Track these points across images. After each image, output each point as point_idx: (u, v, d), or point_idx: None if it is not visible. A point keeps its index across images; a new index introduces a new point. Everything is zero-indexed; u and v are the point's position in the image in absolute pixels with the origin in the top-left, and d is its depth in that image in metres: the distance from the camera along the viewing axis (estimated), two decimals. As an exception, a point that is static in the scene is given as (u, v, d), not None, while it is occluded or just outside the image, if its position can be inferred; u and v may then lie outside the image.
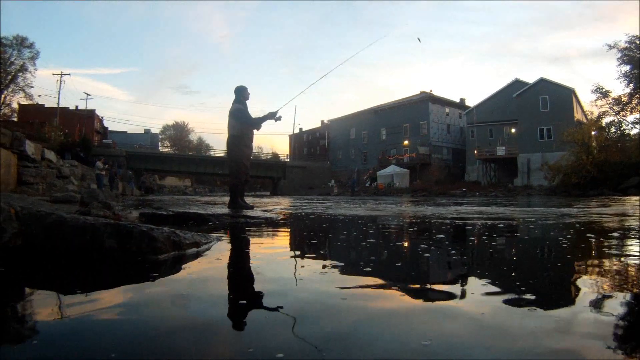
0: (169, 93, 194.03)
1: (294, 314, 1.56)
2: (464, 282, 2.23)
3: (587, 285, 2.08)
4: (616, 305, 1.71)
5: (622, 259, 2.94)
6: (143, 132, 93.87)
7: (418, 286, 2.15)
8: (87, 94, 59.29)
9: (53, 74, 53.93)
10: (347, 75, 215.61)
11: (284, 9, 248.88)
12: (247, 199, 8.02)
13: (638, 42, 37.77)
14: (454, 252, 3.35)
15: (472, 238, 4.48)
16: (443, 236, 4.49)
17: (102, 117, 70.81)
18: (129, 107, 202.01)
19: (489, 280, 2.22)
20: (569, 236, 4.37)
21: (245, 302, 1.80)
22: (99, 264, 2.54)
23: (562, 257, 3.19)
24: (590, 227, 5.23)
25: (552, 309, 1.63)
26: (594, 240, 4.05)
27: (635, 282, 2.19)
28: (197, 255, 2.87)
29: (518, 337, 1.32)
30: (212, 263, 2.73)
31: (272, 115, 7.48)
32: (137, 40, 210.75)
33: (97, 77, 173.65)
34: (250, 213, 6.51)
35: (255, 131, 7.73)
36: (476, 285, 2.11)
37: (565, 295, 1.99)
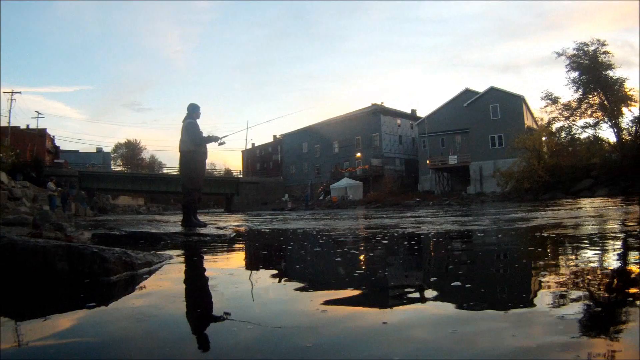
0: (122, 111, 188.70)
1: (247, 318, 1.83)
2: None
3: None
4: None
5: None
6: (95, 151, 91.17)
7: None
8: (39, 113, 57.36)
9: (4, 93, 52.09)
10: (298, 90, 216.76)
11: (237, 25, 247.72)
12: (201, 217, 8.09)
13: (586, 48, 39.28)
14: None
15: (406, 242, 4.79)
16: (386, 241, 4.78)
17: (53, 137, 68.42)
18: (81, 126, 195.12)
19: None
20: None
21: (201, 314, 2.02)
22: (50, 286, 2.59)
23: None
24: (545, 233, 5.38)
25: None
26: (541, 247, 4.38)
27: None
28: (149, 275, 2.95)
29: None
30: (164, 282, 2.82)
31: (216, 139, 7.42)
32: (90, 57, 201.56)
33: (49, 96, 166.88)
34: (203, 231, 6.58)
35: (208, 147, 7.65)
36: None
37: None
